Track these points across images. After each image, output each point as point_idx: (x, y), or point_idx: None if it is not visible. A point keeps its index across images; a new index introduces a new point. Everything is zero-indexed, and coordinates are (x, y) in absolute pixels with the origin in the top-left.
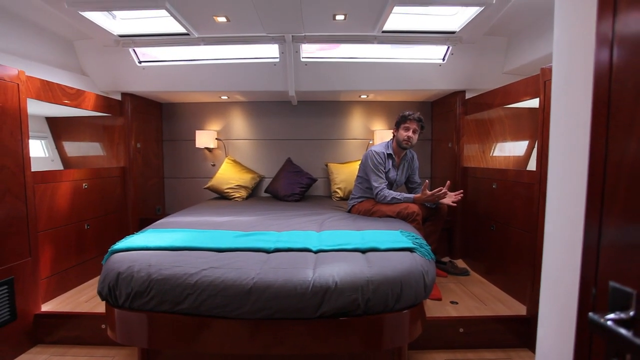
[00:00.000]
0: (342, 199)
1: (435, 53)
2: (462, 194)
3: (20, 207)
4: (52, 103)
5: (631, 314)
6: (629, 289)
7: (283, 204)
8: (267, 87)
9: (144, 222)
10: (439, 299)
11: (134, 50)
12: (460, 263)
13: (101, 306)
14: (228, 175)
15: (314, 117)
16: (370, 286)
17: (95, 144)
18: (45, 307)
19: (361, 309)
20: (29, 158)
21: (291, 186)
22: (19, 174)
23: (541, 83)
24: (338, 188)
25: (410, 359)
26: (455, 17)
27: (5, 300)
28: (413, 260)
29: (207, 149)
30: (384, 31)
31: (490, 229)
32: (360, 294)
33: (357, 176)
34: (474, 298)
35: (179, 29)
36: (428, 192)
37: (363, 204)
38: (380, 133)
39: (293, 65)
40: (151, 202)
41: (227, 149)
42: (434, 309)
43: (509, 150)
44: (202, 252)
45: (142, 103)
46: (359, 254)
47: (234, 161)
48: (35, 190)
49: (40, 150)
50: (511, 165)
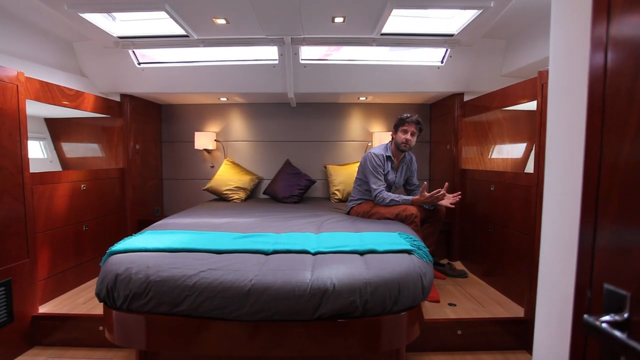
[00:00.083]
0: (341, 200)
1: (433, 56)
2: (460, 196)
3: (19, 208)
4: (51, 104)
5: (625, 316)
6: (623, 292)
7: (282, 205)
8: (266, 89)
9: (143, 224)
10: (437, 301)
11: (134, 51)
12: (458, 265)
13: (99, 308)
14: (227, 176)
15: (313, 119)
16: (368, 288)
17: (94, 145)
18: (42, 309)
19: (359, 311)
20: (28, 159)
21: (290, 188)
22: (17, 175)
23: (539, 86)
24: (337, 190)
25: None
26: (454, 20)
27: (3, 301)
28: (411, 262)
29: (206, 150)
30: (382, 34)
31: (488, 231)
32: (358, 296)
33: (356, 178)
34: (471, 300)
35: (178, 30)
36: (426, 194)
37: (362, 205)
38: (379, 135)
39: (292, 67)
40: (150, 204)
41: (226, 151)
42: (432, 311)
43: (507, 152)
44: (201, 254)
45: (141, 104)
46: (357, 256)
47: (233, 163)
48: (34, 191)
49: (39, 152)
50: (509, 168)
